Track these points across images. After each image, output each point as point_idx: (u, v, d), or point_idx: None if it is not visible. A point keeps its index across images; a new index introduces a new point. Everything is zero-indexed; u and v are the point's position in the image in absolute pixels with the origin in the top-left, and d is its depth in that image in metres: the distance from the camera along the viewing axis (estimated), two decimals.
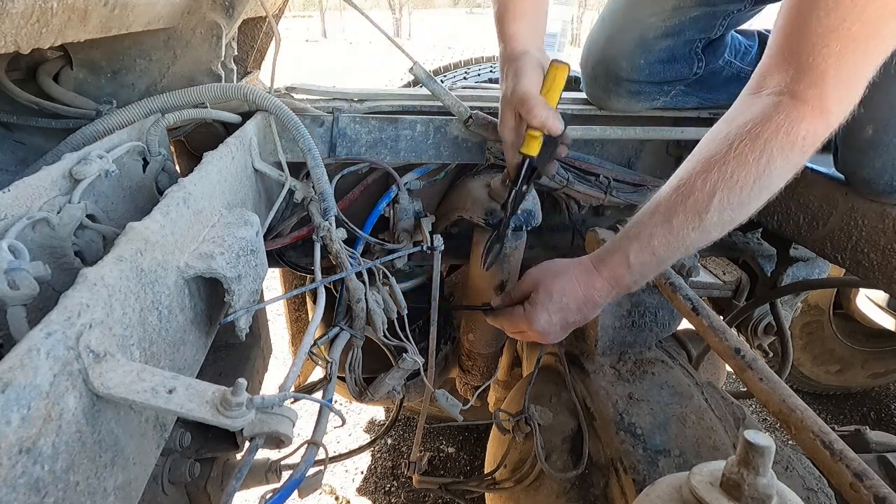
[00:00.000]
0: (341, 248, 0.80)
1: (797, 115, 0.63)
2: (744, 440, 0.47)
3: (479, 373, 1.28)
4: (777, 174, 0.66)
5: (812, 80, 0.62)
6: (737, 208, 0.67)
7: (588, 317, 0.81)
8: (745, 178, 0.65)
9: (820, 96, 0.62)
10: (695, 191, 0.67)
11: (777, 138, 0.63)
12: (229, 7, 0.89)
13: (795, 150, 0.64)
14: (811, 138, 0.64)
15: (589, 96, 1.21)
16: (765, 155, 0.64)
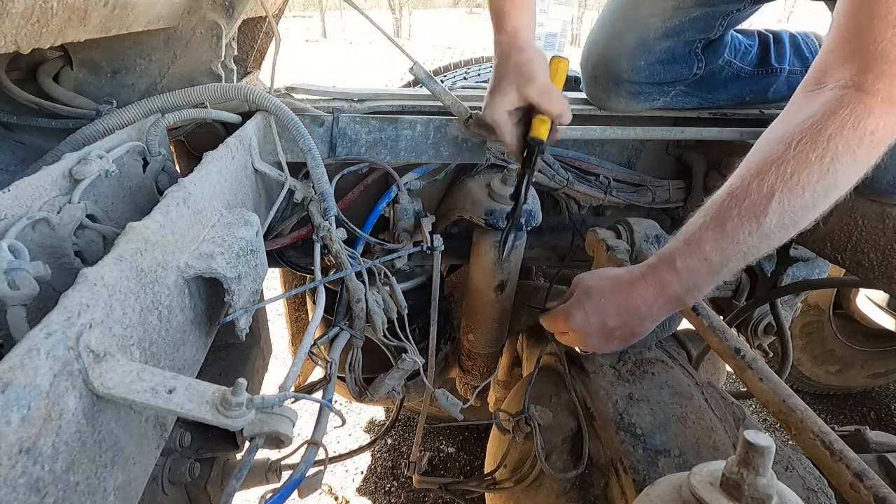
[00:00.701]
0: (341, 248, 0.80)
1: (864, 109, 0.58)
2: (744, 440, 0.47)
3: (479, 373, 1.28)
4: (843, 173, 0.61)
5: (881, 71, 0.57)
6: (799, 211, 0.62)
7: (634, 328, 0.75)
8: (806, 179, 0.60)
9: (890, 87, 0.57)
10: (751, 193, 0.63)
11: (842, 134, 0.59)
12: (229, 7, 0.89)
13: (864, 146, 0.59)
14: (881, 132, 0.59)
15: (589, 96, 1.21)
16: (829, 153, 0.59)
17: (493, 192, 1.01)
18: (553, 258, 1.26)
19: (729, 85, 1.16)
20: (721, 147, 1.14)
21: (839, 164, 0.59)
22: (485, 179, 1.08)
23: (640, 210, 1.26)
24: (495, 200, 1.00)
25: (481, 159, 1.09)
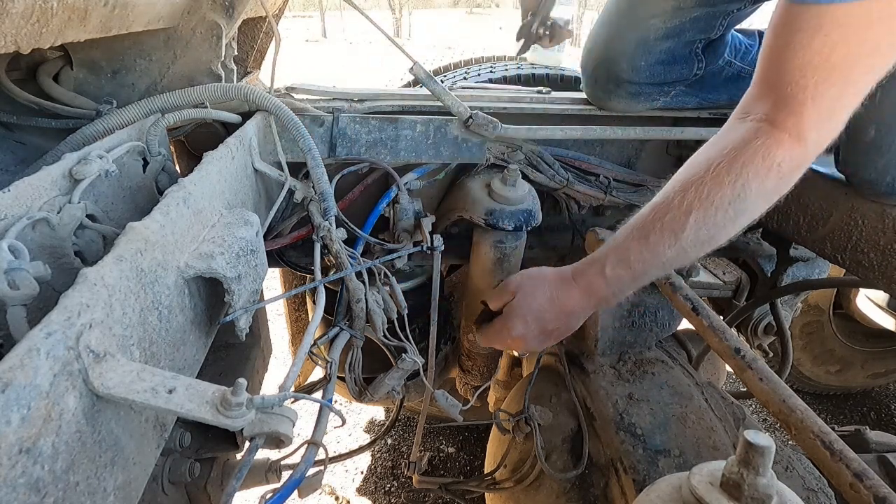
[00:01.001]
0: (341, 248, 0.80)
1: (774, 142, 0.64)
2: (744, 440, 0.47)
3: (479, 373, 1.28)
4: (752, 198, 0.66)
5: (791, 110, 0.63)
6: (713, 229, 0.68)
7: (570, 326, 0.82)
8: (720, 200, 0.66)
9: (798, 125, 0.63)
10: (672, 209, 0.68)
11: (753, 162, 0.65)
12: (229, 7, 0.89)
13: (771, 176, 0.65)
14: (787, 165, 0.65)
15: (589, 96, 1.21)
16: (741, 178, 0.65)
17: (493, 192, 1.01)
18: (553, 258, 1.26)
19: (729, 85, 1.16)
20: None
21: (749, 191, 0.65)
22: (485, 179, 1.08)
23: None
24: (495, 200, 1.00)
25: (481, 159, 1.09)
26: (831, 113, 0.63)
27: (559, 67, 1.83)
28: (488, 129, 1.01)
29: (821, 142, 0.65)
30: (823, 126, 0.64)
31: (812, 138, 0.65)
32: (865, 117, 0.81)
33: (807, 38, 0.60)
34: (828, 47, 0.59)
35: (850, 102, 0.63)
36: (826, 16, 0.58)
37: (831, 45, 0.59)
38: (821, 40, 0.59)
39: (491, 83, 1.61)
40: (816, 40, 0.59)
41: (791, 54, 0.61)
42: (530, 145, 1.10)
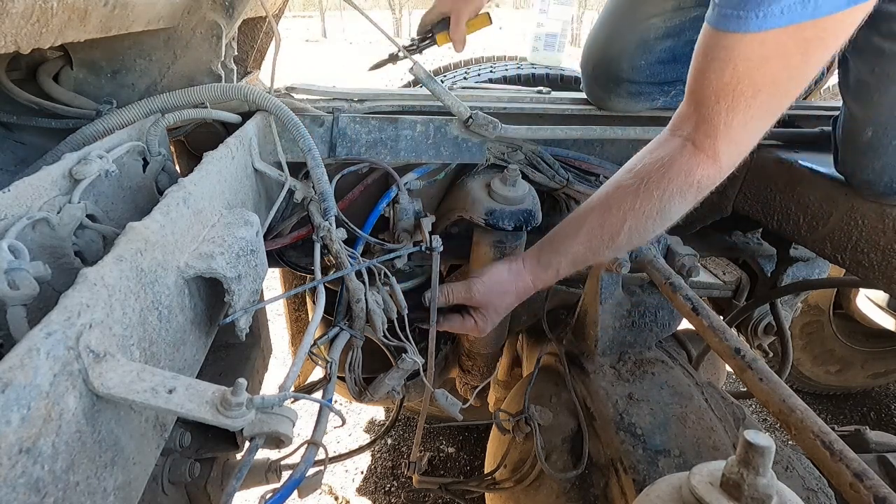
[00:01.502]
0: (341, 248, 0.80)
1: (695, 162, 0.72)
2: (744, 440, 0.47)
3: (479, 373, 1.28)
4: (675, 209, 0.77)
5: (707, 132, 0.71)
6: (642, 233, 0.79)
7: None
8: (650, 211, 0.76)
9: (713, 147, 0.71)
10: (610, 217, 0.79)
11: (678, 180, 0.73)
12: (229, 7, 0.89)
13: (692, 191, 0.75)
14: (705, 182, 0.74)
15: (589, 96, 1.21)
16: (667, 193, 0.74)
17: (493, 192, 1.01)
18: None
19: None
20: None
21: (673, 204, 0.75)
22: (485, 179, 1.08)
23: None
24: (495, 200, 1.00)
25: (481, 159, 1.09)
26: (740, 138, 0.71)
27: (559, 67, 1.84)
28: (488, 129, 1.01)
29: (732, 162, 0.73)
30: (733, 149, 0.72)
31: (725, 160, 0.72)
32: (862, 119, 0.82)
33: (720, 66, 0.66)
34: (735, 78, 0.66)
35: (755, 128, 0.70)
36: (736, 48, 0.64)
37: (738, 76, 0.65)
38: (730, 72, 0.66)
39: (491, 83, 1.61)
40: (727, 71, 0.66)
41: (709, 80, 0.68)
42: (530, 145, 1.10)
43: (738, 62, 0.65)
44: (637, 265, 0.92)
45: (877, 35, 0.76)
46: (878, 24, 0.75)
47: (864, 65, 0.80)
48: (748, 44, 0.63)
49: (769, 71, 0.65)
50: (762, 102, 0.67)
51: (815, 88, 1.33)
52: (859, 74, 0.81)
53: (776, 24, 0.60)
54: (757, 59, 0.64)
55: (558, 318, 1.21)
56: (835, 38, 0.63)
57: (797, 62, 0.64)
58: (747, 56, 0.64)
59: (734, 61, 0.65)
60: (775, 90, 0.67)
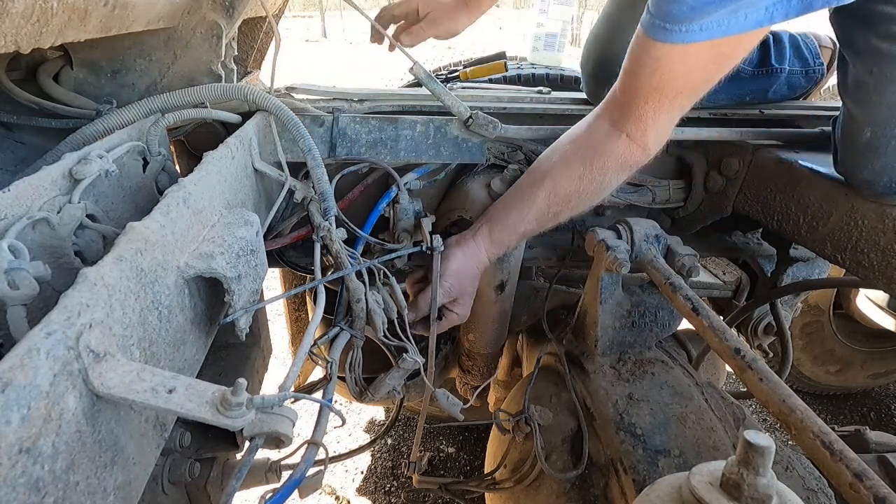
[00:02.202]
0: (341, 248, 0.80)
1: (629, 150, 0.85)
2: (744, 440, 0.47)
3: (479, 373, 1.28)
4: (609, 186, 0.90)
5: (638, 127, 0.83)
6: (583, 207, 0.92)
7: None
8: (590, 193, 0.90)
9: (644, 139, 0.84)
10: (557, 200, 0.90)
11: (615, 164, 0.87)
12: (229, 7, 0.89)
13: (625, 172, 0.89)
14: (634, 165, 0.88)
15: (589, 96, 1.21)
16: (606, 177, 0.88)
17: (493, 192, 1.01)
18: (553, 258, 1.26)
19: (729, 85, 1.15)
20: (721, 147, 1.14)
21: (609, 183, 0.90)
22: (485, 179, 1.08)
23: (640, 210, 1.25)
24: (495, 200, 1.00)
25: (481, 159, 1.09)
26: (663, 130, 0.85)
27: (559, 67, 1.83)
28: (488, 129, 1.01)
29: (657, 149, 0.87)
30: (658, 140, 0.86)
31: (652, 148, 0.86)
32: (861, 119, 0.82)
33: (649, 72, 0.77)
34: (663, 83, 0.77)
35: (673, 122, 0.84)
36: (662, 58, 0.74)
37: (664, 82, 0.77)
38: (657, 78, 0.76)
39: (491, 83, 1.61)
40: (655, 77, 0.77)
41: (640, 82, 0.79)
42: (530, 145, 1.10)
43: (665, 70, 0.75)
44: (637, 265, 0.92)
45: (875, 37, 0.76)
46: (876, 26, 0.76)
47: (862, 66, 0.80)
48: (673, 54, 0.73)
49: (690, 78, 0.76)
50: (681, 103, 0.81)
51: (815, 89, 1.33)
52: (858, 75, 0.81)
53: (696, 38, 0.70)
54: (680, 68, 0.75)
55: (558, 318, 1.21)
56: (743, 51, 0.74)
57: (711, 71, 0.76)
58: (672, 65, 0.74)
59: (661, 69, 0.75)
60: (692, 93, 0.79)
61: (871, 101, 0.80)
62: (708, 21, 0.68)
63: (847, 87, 0.85)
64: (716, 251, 1.29)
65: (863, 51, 0.79)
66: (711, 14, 0.67)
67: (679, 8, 0.69)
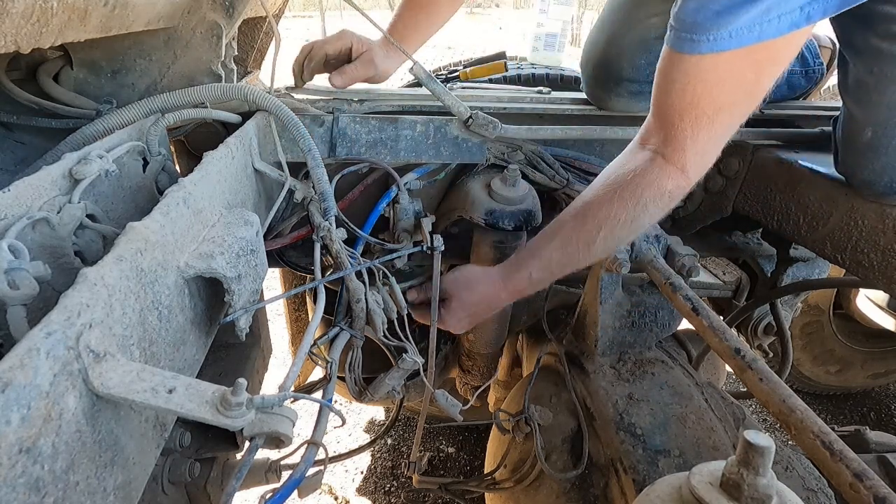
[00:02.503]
0: (341, 248, 0.80)
1: (665, 174, 0.76)
2: (744, 440, 0.47)
3: (479, 373, 1.28)
4: (648, 217, 0.79)
5: (675, 147, 0.74)
6: (616, 240, 0.82)
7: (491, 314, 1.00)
8: (624, 218, 0.79)
9: (682, 160, 0.75)
10: (586, 225, 0.82)
11: (651, 190, 0.77)
12: (229, 7, 0.89)
13: (663, 201, 0.78)
14: (676, 192, 0.78)
15: (589, 96, 1.21)
16: (641, 202, 0.77)
17: (493, 192, 1.01)
18: None
19: None
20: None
21: (647, 212, 0.78)
22: (485, 179, 1.08)
23: None
24: (495, 200, 1.00)
25: (481, 159, 1.09)
26: (705, 151, 0.75)
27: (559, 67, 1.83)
28: (488, 129, 1.01)
29: (699, 173, 0.77)
30: (700, 161, 0.76)
31: (692, 172, 0.76)
32: (862, 119, 0.82)
33: (680, 87, 0.70)
34: (696, 99, 0.70)
35: (720, 140, 0.75)
36: (692, 70, 0.68)
37: (698, 97, 0.69)
38: (690, 93, 0.70)
39: (491, 83, 1.61)
40: (687, 92, 0.70)
41: (671, 100, 0.72)
42: (530, 145, 1.10)
43: (696, 83, 0.69)
44: (637, 265, 0.92)
45: (874, 36, 0.76)
46: (876, 26, 0.75)
47: (863, 66, 0.80)
48: (703, 66, 0.67)
49: (726, 90, 0.69)
50: (723, 118, 0.72)
51: (815, 89, 1.33)
52: (858, 75, 0.81)
53: (727, 46, 0.64)
54: (713, 80, 0.68)
55: (558, 318, 1.21)
56: (786, 56, 0.68)
57: (751, 81, 0.68)
58: (704, 77, 0.68)
59: (692, 83, 0.69)
60: (734, 107, 0.71)
61: (872, 100, 0.80)
62: (737, 27, 0.62)
63: (847, 86, 0.85)
64: (716, 251, 1.29)
65: (863, 50, 0.79)
66: (740, 18, 0.62)
67: (704, 15, 0.64)
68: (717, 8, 0.63)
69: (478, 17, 27.37)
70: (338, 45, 1.03)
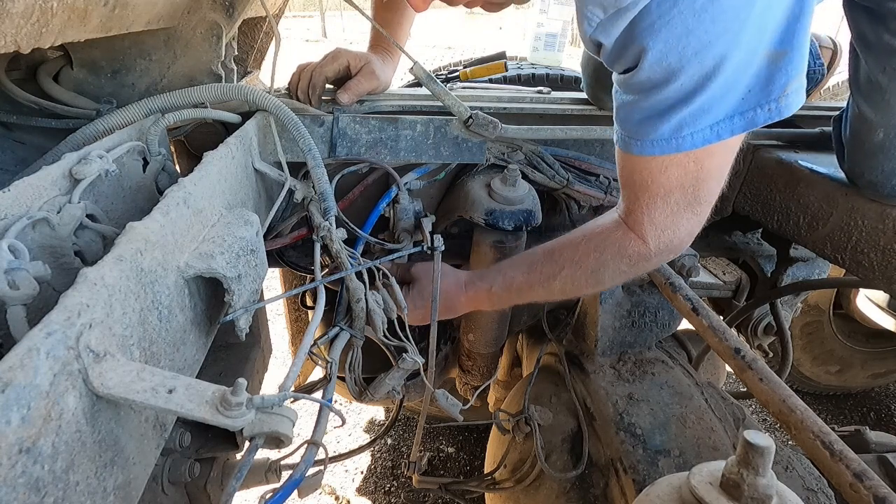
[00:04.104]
0: (341, 247, 0.80)
1: (627, 239, 0.80)
2: (744, 440, 0.47)
3: (479, 373, 1.28)
4: (608, 274, 0.83)
5: (635, 219, 0.78)
6: (574, 286, 0.85)
7: (448, 316, 0.99)
8: (585, 267, 0.83)
9: (640, 231, 0.79)
10: (552, 260, 0.86)
11: (613, 249, 0.81)
12: (229, 7, 0.89)
13: (624, 262, 0.81)
14: (636, 259, 0.81)
15: (589, 96, 1.21)
16: (602, 257, 0.82)
17: (493, 192, 1.01)
18: None
19: None
20: None
21: (606, 267, 0.82)
22: (485, 179, 1.08)
23: None
24: (495, 200, 1.00)
25: (481, 159, 1.09)
26: (665, 227, 0.77)
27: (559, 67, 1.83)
28: (489, 129, 1.01)
29: (662, 246, 0.79)
30: (661, 235, 0.78)
31: (653, 244, 0.79)
32: (873, 120, 0.80)
33: (629, 171, 0.76)
34: (646, 183, 0.74)
35: (683, 217, 0.76)
36: (637, 165, 0.73)
37: (647, 182, 0.73)
38: (639, 178, 0.74)
39: (491, 83, 1.61)
40: (636, 177, 0.75)
41: (625, 178, 0.78)
42: (530, 145, 1.10)
43: (644, 173, 0.73)
44: None
45: (886, 33, 0.74)
46: (888, 23, 0.74)
47: (875, 63, 0.78)
48: (643, 161, 0.71)
49: (672, 178, 0.71)
50: (678, 200, 0.74)
51: (816, 89, 1.33)
52: (870, 73, 0.79)
53: (652, 152, 0.69)
54: (655, 171, 0.72)
55: (558, 318, 1.21)
56: (724, 151, 0.70)
57: (694, 172, 0.71)
58: (647, 168, 0.72)
59: (638, 171, 0.74)
60: (686, 190, 0.73)
61: (885, 101, 0.78)
62: (657, 137, 0.67)
63: (859, 83, 0.82)
64: (716, 251, 1.29)
65: (875, 46, 0.77)
66: (658, 129, 0.66)
67: (630, 122, 0.69)
68: (638, 117, 0.67)
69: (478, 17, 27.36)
70: (335, 66, 1.03)
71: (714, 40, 0.58)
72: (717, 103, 0.63)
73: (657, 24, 0.58)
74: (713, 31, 0.58)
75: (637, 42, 0.61)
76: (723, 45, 0.58)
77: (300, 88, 1.02)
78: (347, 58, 1.04)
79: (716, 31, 0.58)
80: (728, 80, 0.61)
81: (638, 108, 0.67)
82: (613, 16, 0.60)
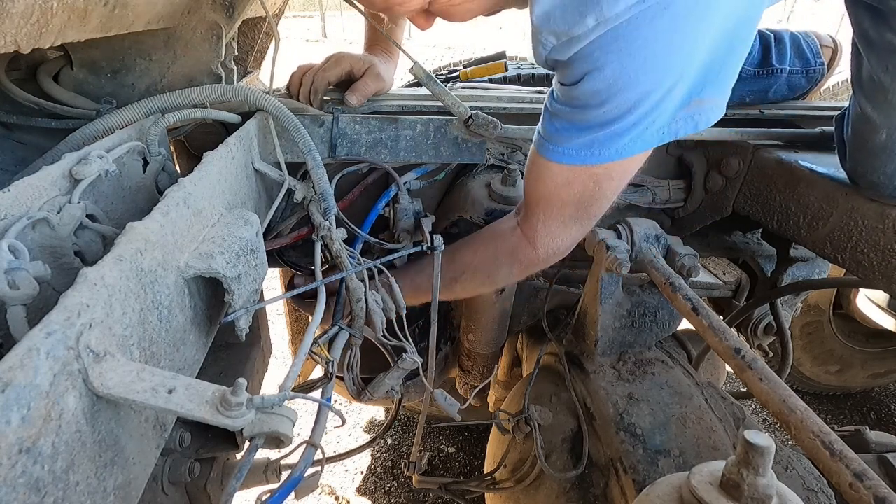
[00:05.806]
0: (341, 247, 0.80)
1: (521, 245, 0.88)
2: (744, 440, 0.47)
3: (479, 373, 1.28)
4: (502, 275, 0.93)
5: (530, 226, 0.86)
6: (476, 285, 0.96)
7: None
8: (482, 271, 0.92)
9: (534, 238, 0.86)
10: (454, 263, 0.94)
11: (507, 253, 0.90)
12: (229, 7, 0.89)
13: (515, 266, 0.90)
14: (525, 262, 0.90)
15: None
16: (497, 259, 0.91)
17: (493, 192, 1.01)
18: None
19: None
20: (721, 147, 1.14)
21: (500, 270, 0.92)
22: (485, 179, 1.08)
23: (640, 210, 1.25)
24: (495, 200, 1.00)
25: (481, 159, 1.09)
26: (555, 235, 0.85)
27: None
28: (488, 129, 1.01)
29: (549, 252, 0.88)
30: (550, 242, 0.86)
31: (542, 250, 0.87)
32: (876, 120, 0.79)
33: (535, 178, 0.82)
34: (548, 193, 0.81)
35: (571, 229, 0.85)
36: (545, 171, 0.79)
37: (549, 192, 0.81)
38: (543, 188, 0.81)
39: (491, 83, 1.61)
40: (541, 186, 0.81)
41: (530, 187, 0.84)
42: (530, 145, 1.10)
43: (547, 181, 0.80)
44: (637, 265, 0.92)
45: (889, 31, 0.73)
46: (891, 21, 0.73)
47: (877, 62, 0.77)
48: (552, 168, 0.78)
49: (572, 192, 0.79)
50: (571, 213, 0.83)
51: (816, 89, 1.33)
52: (872, 72, 0.78)
53: (569, 161, 0.75)
54: (560, 181, 0.78)
55: (558, 318, 1.21)
56: (621, 176, 0.79)
57: (591, 190, 0.79)
58: (553, 177, 0.79)
59: (543, 180, 0.80)
60: (580, 205, 0.81)
61: (888, 101, 0.77)
62: (569, 147, 0.74)
63: (861, 82, 0.81)
64: (716, 251, 1.29)
65: (877, 45, 0.76)
66: (571, 141, 0.73)
67: (550, 128, 0.76)
68: (557, 126, 0.75)
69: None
70: (338, 70, 1.03)
71: (641, 80, 0.66)
72: (628, 131, 0.72)
73: (600, 59, 0.66)
74: (641, 72, 0.66)
75: (582, 66, 0.68)
76: (647, 85, 0.67)
77: (301, 93, 1.02)
78: (350, 61, 1.04)
79: (644, 73, 0.66)
80: (642, 114, 0.70)
81: (564, 118, 0.74)
82: (566, 42, 0.67)
